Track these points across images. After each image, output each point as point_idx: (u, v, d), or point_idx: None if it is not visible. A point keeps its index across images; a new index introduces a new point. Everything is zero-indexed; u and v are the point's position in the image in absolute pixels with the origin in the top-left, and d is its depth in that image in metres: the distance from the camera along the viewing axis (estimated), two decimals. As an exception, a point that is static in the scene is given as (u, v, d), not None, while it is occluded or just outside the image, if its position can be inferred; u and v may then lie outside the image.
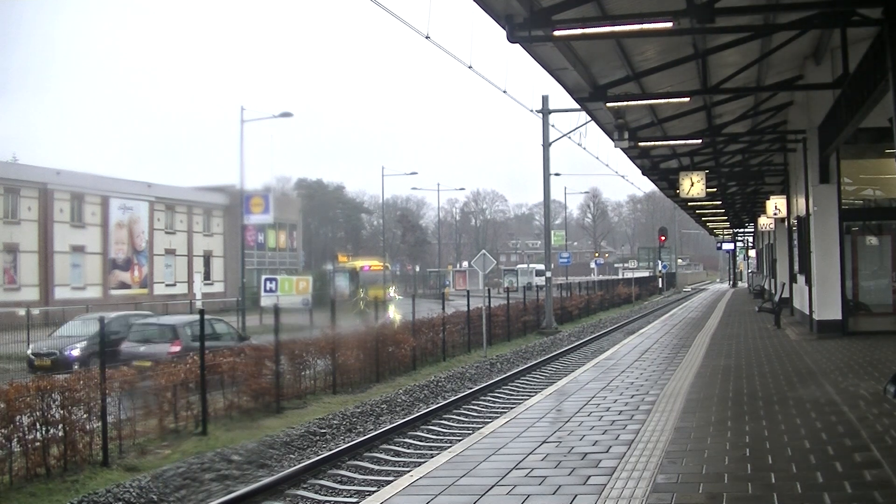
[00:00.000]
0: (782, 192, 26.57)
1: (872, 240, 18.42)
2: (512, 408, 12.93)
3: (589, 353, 24.06)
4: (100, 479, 10.62)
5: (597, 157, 61.70)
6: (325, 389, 17.56)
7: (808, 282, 19.02)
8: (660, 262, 75.17)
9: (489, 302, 27.37)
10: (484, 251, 28.50)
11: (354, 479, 10.82)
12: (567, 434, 8.55)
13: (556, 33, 10.23)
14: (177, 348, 17.75)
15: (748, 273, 64.95)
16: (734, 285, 70.00)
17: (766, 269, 42.31)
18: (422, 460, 10.89)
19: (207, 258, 61.82)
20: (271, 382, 15.69)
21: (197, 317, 15.02)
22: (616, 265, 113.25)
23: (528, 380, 19.64)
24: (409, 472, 8.28)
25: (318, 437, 13.18)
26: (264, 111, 70.78)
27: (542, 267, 43.74)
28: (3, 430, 10.36)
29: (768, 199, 27.75)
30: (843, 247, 17.48)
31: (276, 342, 16.29)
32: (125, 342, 18.62)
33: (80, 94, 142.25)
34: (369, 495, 7.32)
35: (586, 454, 7.54)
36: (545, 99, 34.18)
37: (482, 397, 17.02)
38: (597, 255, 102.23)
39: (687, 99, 15.39)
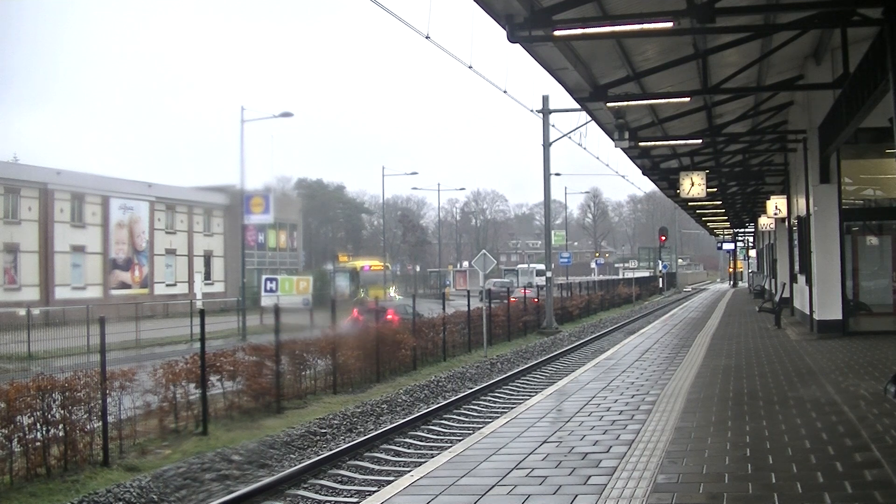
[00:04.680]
0: (782, 192, 26.57)
1: (873, 240, 18.42)
2: (512, 408, 12.92)
3: (589, 353, 24.05)
4: (100, 479, 10.62)
5: (597, 157, 61.65)
6: (326, 389, 17.56)
7: (809, 282, 19.02)
8: (660, 262, 75.17)
9: (489, 302, 27.36)
10: (484, 251, 28.50)
11: (355, 479, 10.82)
12: (567, 434, 8.55)
13: (557, 33, 10.24)
14: None
15: (748, 273, 64.97)
16: (734, 285, 70.02)
17: (766, 269, 42.33)
18: (422, 460, 10.90)
19: (208, 258, 61.84)
20: (272, 382, 15.69)
21: None
22: (616, 265, 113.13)
23: (528, 380, 19.64)
24: (409, 471, 8.28)
25: (318, 437, 13.19)
26: (264, 111, 70.87)
27: (542, 267, 43.76)
28: (3, 430, 10.36)
29: (769, 199, 27.75)
30: (844, 247, 17.47)
31: (276, 342, 16.29)
32: None
33: (81, 94, 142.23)
34: (370, 495, 7.32)
35: (587, 454, 7.54)
36: (545, 99, 34.22)
37: (482, 397, 17.01)
38: (597, 254, 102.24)
39: (687, 99, 15.40)
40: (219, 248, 63.12)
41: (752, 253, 63.70)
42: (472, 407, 15.96)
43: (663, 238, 68.42)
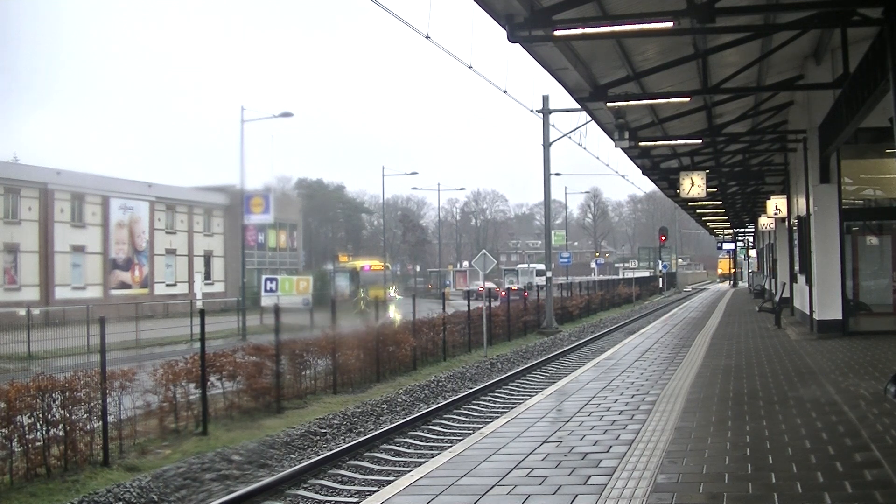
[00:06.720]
0: (783, 192, 26.58)
1: (873, 240, 18.42)
2: (512, 408, 12.93)
3: (589, 353, 24.05)
4: (100, 479, 10.62)
5: (597, 157, 61.46)
6: (326, 389, 17.56)
7: (809, 282, 19.01)
8: (660, 261, 75.17)
9: (489, 302, 27.38)
10: (484, 251, 28.49)
11: (355, 478, 10.82)
12: (567, 434, 8.55)
13: (557, 33, 10.24)
14: None
15: (748, 273, 64.96)
16: (734, 285, 70.02)
17: (766, 269, 42.33)
18: (422, 460, 10.90)
19: (208, 258, 61.84)
20: (272, 382, 15.69)
21: None
22: (616, 265, 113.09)
23: (528, 380, 19.64)
24: (409, 471, 8.28)
25: (318, 437, 13.19)
26: (264, 111, 70.84)
27: (542, 266, 43.74)
28: (3, 430, 10.36)
29: (769, 198, 27.76)
30: (844, 247, 17.46)
31: (276, 342, 16.29)
32: None
33: (81, 94, 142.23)
34: (370, 495, 7.32)
35: (587, 454, 7.54)
36: (545, 99, 34.21)
37: (482, 397, 17.02)
38: (597, 254, 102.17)
39: (687, 99, 15.40)
40: (219, 248, 63.12)
41: (753, 253, 63.71)
42: (472, 407, 15.96)
43: (663, 238, 68.39)
